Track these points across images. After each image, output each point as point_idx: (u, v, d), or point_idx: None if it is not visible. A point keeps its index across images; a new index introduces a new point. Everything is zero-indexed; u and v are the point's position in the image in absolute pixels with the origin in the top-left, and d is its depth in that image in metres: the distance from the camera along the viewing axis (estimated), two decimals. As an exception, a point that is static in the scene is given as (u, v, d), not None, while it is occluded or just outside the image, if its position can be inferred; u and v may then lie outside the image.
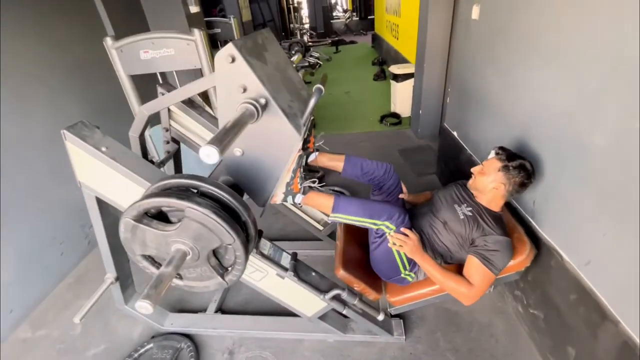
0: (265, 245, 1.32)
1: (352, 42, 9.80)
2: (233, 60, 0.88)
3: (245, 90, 0.90)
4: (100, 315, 1.78)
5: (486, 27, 1.77)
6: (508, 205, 1.54)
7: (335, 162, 1.52)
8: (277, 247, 1.35)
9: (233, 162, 1.07)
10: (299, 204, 1.27)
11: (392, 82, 3.95)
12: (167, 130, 1.68)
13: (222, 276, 0.97)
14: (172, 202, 0.84)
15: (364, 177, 1.54)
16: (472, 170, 1.35)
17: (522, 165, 1.24)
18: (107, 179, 1.10)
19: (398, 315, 1.61)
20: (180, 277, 1.02)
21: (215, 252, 0.96)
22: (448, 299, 1.38)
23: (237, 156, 1.05)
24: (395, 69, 3.86)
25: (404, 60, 4.73)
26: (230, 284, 1.00)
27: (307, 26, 11.74)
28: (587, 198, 1.12)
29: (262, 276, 1.32)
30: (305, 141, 1.35)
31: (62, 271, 2.08)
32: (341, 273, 1.45)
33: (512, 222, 1.44)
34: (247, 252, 0.93)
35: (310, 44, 8.61)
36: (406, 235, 1.26)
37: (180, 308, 1.79)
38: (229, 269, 0.98)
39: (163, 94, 1.47)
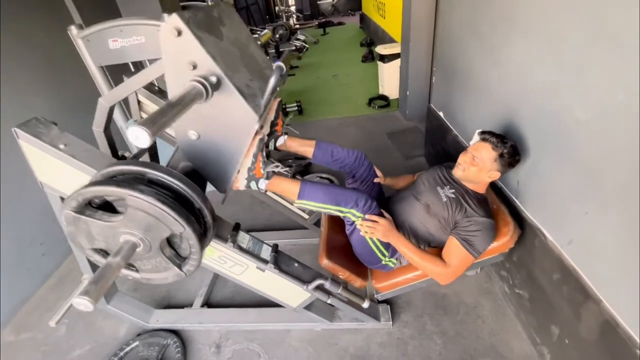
0: (244, 239, 1.28)
1: (340, 24, 9.52)
2: (179, 33, 0.80)
3: (195, 67, 0.82)
4: (84, 315, 1.75)
5: (469, 1, 1.69)
6: (493, 185, 1.51)
7: (305, 148, 1.47)
8: (257, 239, 1.32)
9: (189, 146, 1.00)
10: (264, 189, 1.21)
11: (379, 63, 3.84)
12: (139, 123, 1.61)
13: (180, 267, 0.93)
14: (112, 190, 0.78)
15: (334, 164, 1.49)
16: (461, 161, 1.28)
17: (514, 147, 1.21)
18: (69, 177, 1.04)
19: (385, 301, 1.60)
20: (137, 270, 0.98)
21: (170, 242, 0.92)
22: (434, 283, 1.36)
23: (192, 140, 0.98)
24: (381, 49, 3.75)
25: (392, 40, 4.61)
26: (189, 274, 0.96)
27: (293, 8, 11.36)
28: (569, 176, 1.08)
29: (243, 270, 1.29)
30: (273, 124, 1.29)
31: (45, 272, 2.04)
32: (325, 262, 1.42)
33: (496, 202, 1.41)
34: (201, 241, 0.88)
35: (297, 26, 8.35)
36: (375, 221, 1.22)
37: (166, 304, 1.77)
38: (187, 259, 0.94)
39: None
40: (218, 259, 1.26)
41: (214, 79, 0.83)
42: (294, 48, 6.07)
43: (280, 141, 1.42)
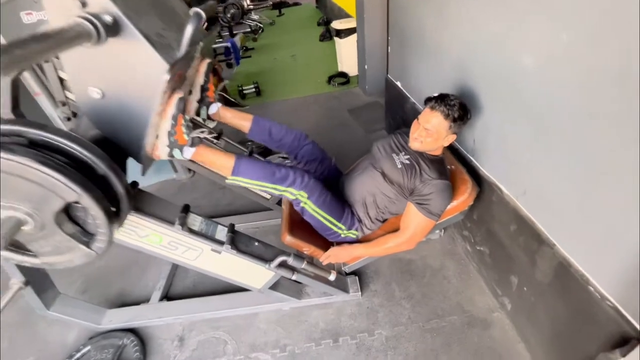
0: (195, 221, 1.18)
1: (296, 4, 9.21)
2: None
3: (84, 4, 0.69)
4: (25, 324, 1.57)
5: (417, -40, 1.65)
6: (449, 147, 1.51)
7: (241, 121, 1.35)
8: (211, 220, 1.22)
9: (93, 108, 0.85)
10: (188, 159, 1.08)
11: (336, 39, 3.75)
12: (64, 105, 1.42)
13: (87, 245, 0.80)
14: None
15: (272, 143, 1.41)
16: (417, 135, 1.21)
17: (461, 105, 1.17)
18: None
19: (353, 272, 1.58)
20: (34, 255, 0.83)
21: (73, 218, 0.78)
22: (399, 249, 1.35)
23: (96, 99, 0.82)
24: (337, 24, 3.65)
25: (347, 16, 4.51)
26: (101, 252, 0.82)
27: (245, -12, 10.82)
28: (520, 127, 1.09)
29: (197, 254, 1.20)
30: (203, 89, 1.17)
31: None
32: (288, 239, 1.36)
33: (454, 162, 1.41)
34: (109, 212, 0.76)
35: (250, 7, 7.95)
36: (328, 255, 1.36)
37: (120, 303, 1.62)
38: (95, 235, 0.80)
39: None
40: (168, 245, 1.15)
41: (108, 19, 0.70)
42: (248, 29, 5.78)
43: (213, 109, 1.26)
